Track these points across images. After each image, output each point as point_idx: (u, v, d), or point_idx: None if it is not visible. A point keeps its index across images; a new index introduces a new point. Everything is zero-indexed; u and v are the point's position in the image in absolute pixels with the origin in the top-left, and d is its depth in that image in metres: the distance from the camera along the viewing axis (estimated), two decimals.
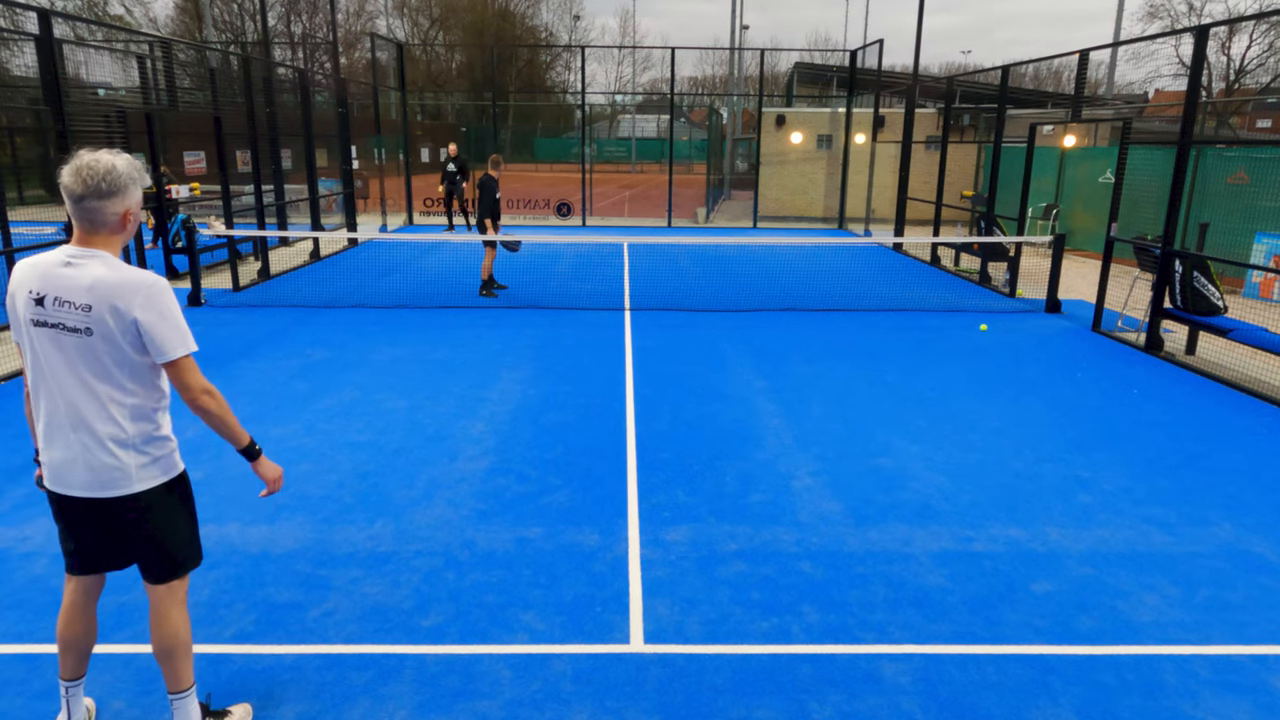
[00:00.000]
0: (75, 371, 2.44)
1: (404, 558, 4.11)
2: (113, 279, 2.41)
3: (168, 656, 2.71)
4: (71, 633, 2.74)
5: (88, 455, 2.49)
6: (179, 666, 2.73)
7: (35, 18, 7.45)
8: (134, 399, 2.50)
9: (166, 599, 2.69)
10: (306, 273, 13.02)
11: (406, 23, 53.73)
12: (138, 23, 37.84)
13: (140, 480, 2.55)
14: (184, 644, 2.73)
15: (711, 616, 3.66)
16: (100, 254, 2.45)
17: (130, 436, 2.51)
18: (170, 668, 2.72)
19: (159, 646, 2.70)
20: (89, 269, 2.41)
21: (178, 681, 2.74)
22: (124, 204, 2.45)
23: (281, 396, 6.60)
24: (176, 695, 2.75)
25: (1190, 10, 37.41)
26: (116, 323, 2.41)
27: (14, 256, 8.70)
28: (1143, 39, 16.82)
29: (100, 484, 2.52)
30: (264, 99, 12.74)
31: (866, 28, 44.97)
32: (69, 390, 2.46)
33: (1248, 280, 11.74)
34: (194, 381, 2.52)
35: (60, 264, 2.43)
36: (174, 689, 2.75)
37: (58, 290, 2.41)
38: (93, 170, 2.37)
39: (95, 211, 2.41)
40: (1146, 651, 3.45)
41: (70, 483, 2.53)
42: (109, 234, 2.47)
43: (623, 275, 12.77)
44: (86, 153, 2.41)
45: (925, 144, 21.47)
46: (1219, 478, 5.30)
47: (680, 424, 6.14)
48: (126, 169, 2.43)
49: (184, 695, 2.76)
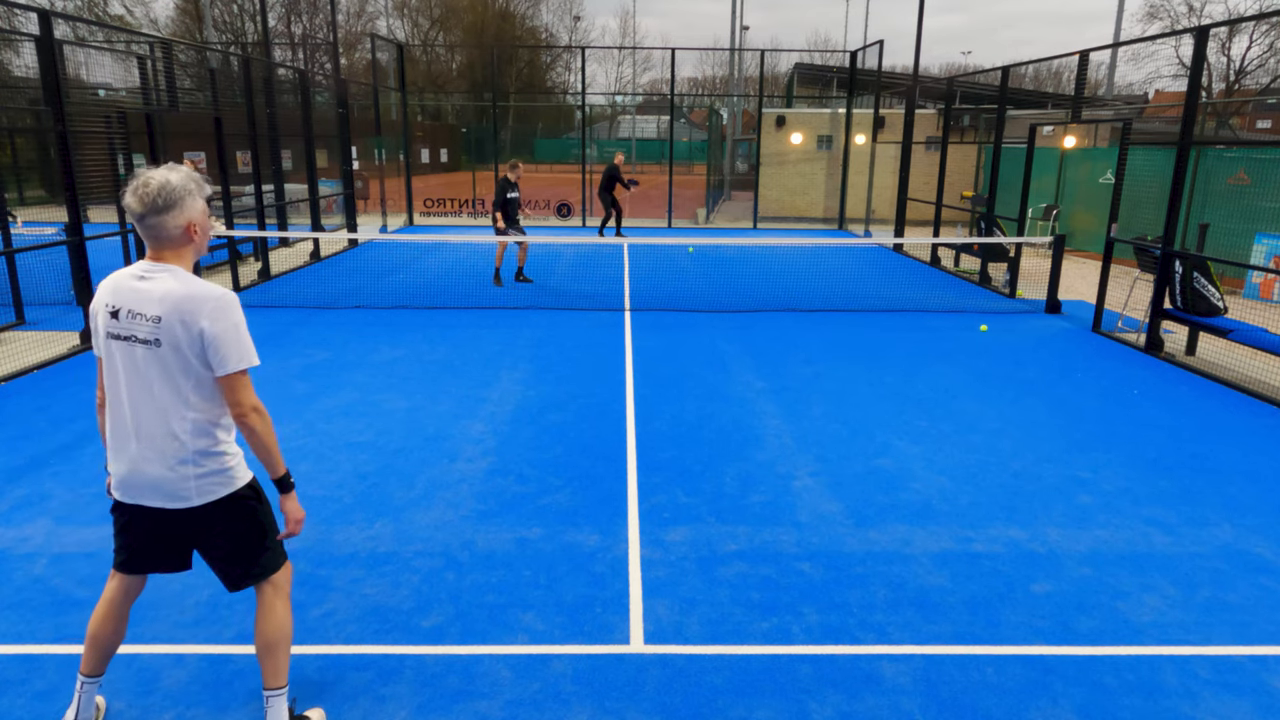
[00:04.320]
0: (144, 383, 2.51)
1: (404, 558, 4.11)
2: (182, 291, 2.47)
3: (270, 652, 2.76)
4: (103, 630, 2.78)
5: (150, 467, 2.54)
6: (281, 662, 2.78)
7: (35, 18, 7.45)
8: (196, 413, 2.54)
9: (270, 595, 2.76)
10: (307, 273, 13.02)
11: (407, 23, 53.75)
12: (138, 23, 37.86)
13: (202, 494, 2.58)
14: (285, 640, 2.79)
15: (711, 617, 3.66)
16: (171, 268, 2.51)
17: (190, 451, 2.55)
18: (271, 663, 2.77)
19: (261, 643, 2.75)
20: (161, 282, 2.48)
21: (275, 677, 2.78)
22: (184, 216, 2.50)
23: (282, 397, 6.60)
24: (272, 692, 2.78)
25: (1190, 11, 37.44)
26: (185, 334, 2.47)
27: (14, 257, 8.70)
28: (1143, 40, 16.82)
29: (164, 495, 2.57)
30: (264, 100, 12.74)
31: (866, 28, 44.93)
32: (137, 402, 2.52)
33: (1248, 281, 11.74)
34: (245, 398, 2.56)
35: (135, 278, 2.51)
36: (270, 685, 2.78)
37: (131, 303, 2.48)
38: (147, 188, 2.43)
39: (158, 227, 2.47)
40: (1146, 652, 3.45)
41: (136, 493, 2.59)
42: (177, 248, 2.53)
43: (623, 276, 12.78)
44: (144, 171, 2.47)
45: (925, 144, 21.48)
46: (1219, 478, 5.30)
47: (680, 424, 6.14)
48: (181, 182, 2.48)
49: (279, 693, 2.79)
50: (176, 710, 3.01)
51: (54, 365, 7.46)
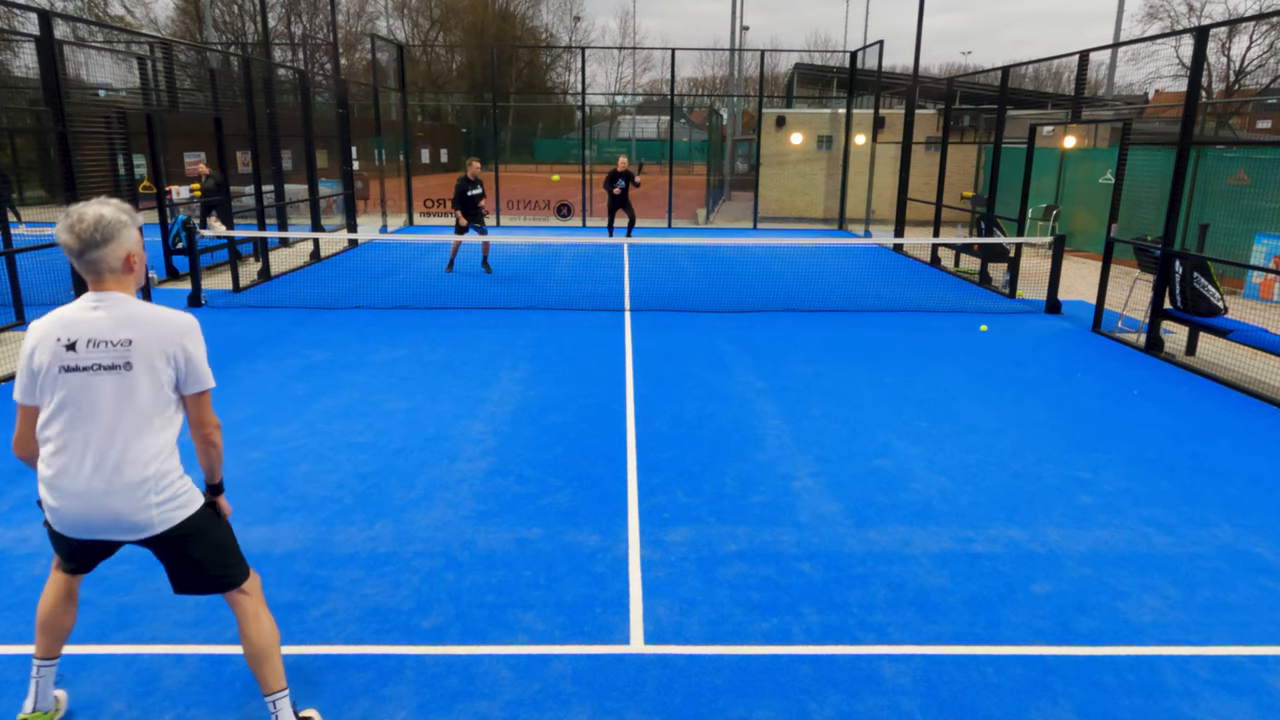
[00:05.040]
0: (106, 412, 2.47)
1: (404, 558, 4.11)
2: (155, 315, 2.52)
3: (266, 658, 2.76)
4: (54, 618, 2.80)
5: (112, 501, 2.49)
6: (277, 665, 2.79)
7: (35, 18, 7.45)
8: (157, 436, 2.54)
9: (250, 603, 2.77)
10: (307, 273, 13.02)
11: (407, 24, 53.75)
12: (138, 24, 37.86)
13: (163, 521, 2.57)
14: (276, 643, 2.80)
15: (711, 617, 3.66)
16: (122, 297, 2.52)
17: (152, 477, 2.53)
18: (269, 668, 2.77)
19: (254, 651, 2.75)
20: (120, 308, 2.50)
21: (276, 680, 2.78)
22: (123, 248, 2.50)
23: (282, 397, 6.60)
24: (276, 695, 2.79)
25: (1190, 11, 37.44)
26: (162, 354, 2.49)
27: (14, 257, 8.70)
28: (1143, 40, 16.83)
29: (124, 529, 2.54)
30: (264, 100, 12.74)
31: (867, 29, 44.86)
32: (96, 433, 2.47)
33: (1248, 281, 11.74)
34: (211, 415, 2.66)
35: (88, 309, 2.50)
36: (274, 689, 2.78)
37: (89, 334, 2.47)
38: (82, 223, 2.43)
39: (98, 261, 2.47)
40: (1146, 652, 3.45)
41: (90, 530, 2.55)
42: (119, 278, 2.53)
43: (623, 276, 12.78)
44: (74, 208, 2.46)
45: (925, 145, 21.48)
46: (1219, 478, 5.30)
47: (680, 424, 6.14)
48: (114, 215, 2.49)
49: (283, 694, 2.80)
50: (176, 710, 3.01)
51: None
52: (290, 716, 2.80)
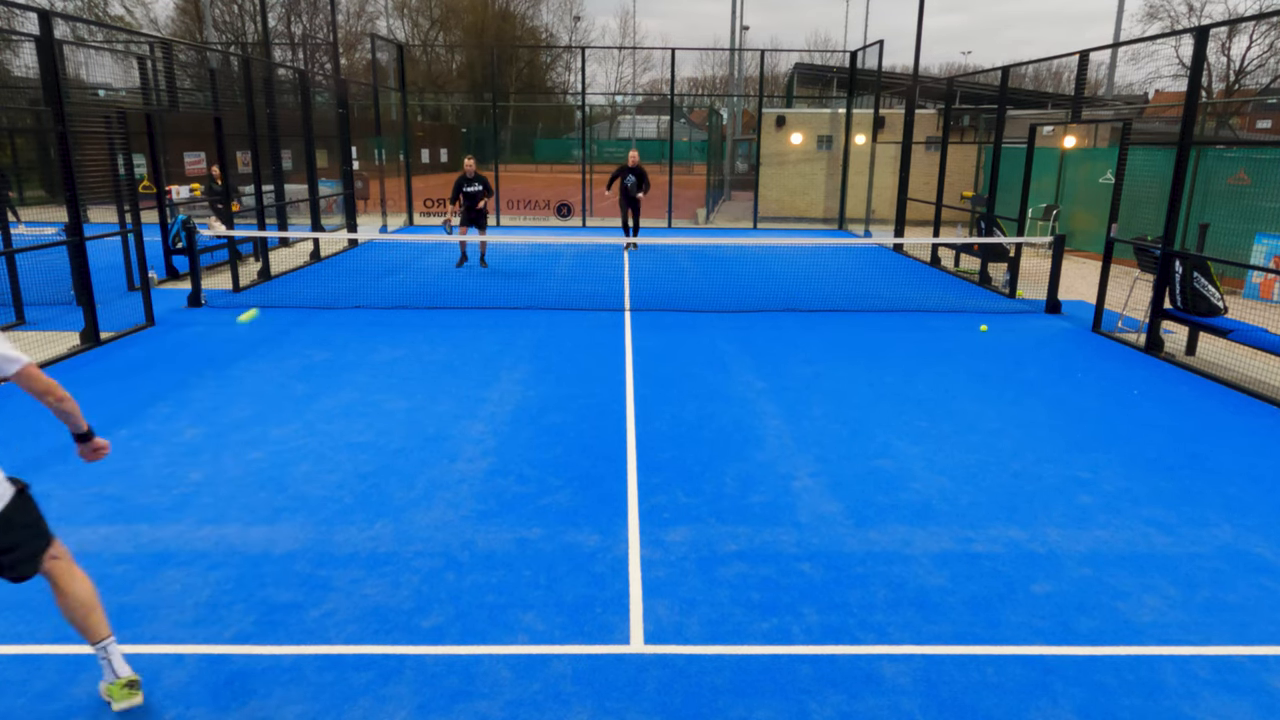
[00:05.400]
0: None
1: (404, 558, 4.11)
2: None
3: (91, 608, 2.95)
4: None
5: None
6: (101, 613, 2.98)
7: (35, 18, 7.45)
8: None
9: (64, 564, 2.96)
10: (307, 273, 13.02)
11: (407, 23, 53.75)
12: (138, 23, 37.86)
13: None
14: (95, 593, 2.99)
15: (712, 617, 3.66)
16: None
17: None
18: (96, 618, 2.95)
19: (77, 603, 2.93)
20: None
21: (102, 628, 2.96)
22: None
23: (281, 397, 6.60)
24: (106, 641, 2.95)
25: (1190, 11, 37.44)
26: None
27: (14, 257, 8.70)
28: (1143, 40, 16.83)
29: None
30: (264, 100, 12.74)
31: (867, 29, 44.87)
32: None
33: (1248, 281, 11.74)
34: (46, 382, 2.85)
35: None
36: (102, 636, 2.95)
37: None
38: None
39: None
40: (1146, 652, 3.45)
41: None
42: None
43: (623, 276, 12.78)
44: None
45: (925, 144, 21.48)
46: (1219, 478, 5.30)
47: (680, 424, 6.14)
48: None
49: (112, 640, 2.97)
50: (176, 710, 3.01)
51: (54, 365, 7.45)
52: (121, 659, 2.95)
